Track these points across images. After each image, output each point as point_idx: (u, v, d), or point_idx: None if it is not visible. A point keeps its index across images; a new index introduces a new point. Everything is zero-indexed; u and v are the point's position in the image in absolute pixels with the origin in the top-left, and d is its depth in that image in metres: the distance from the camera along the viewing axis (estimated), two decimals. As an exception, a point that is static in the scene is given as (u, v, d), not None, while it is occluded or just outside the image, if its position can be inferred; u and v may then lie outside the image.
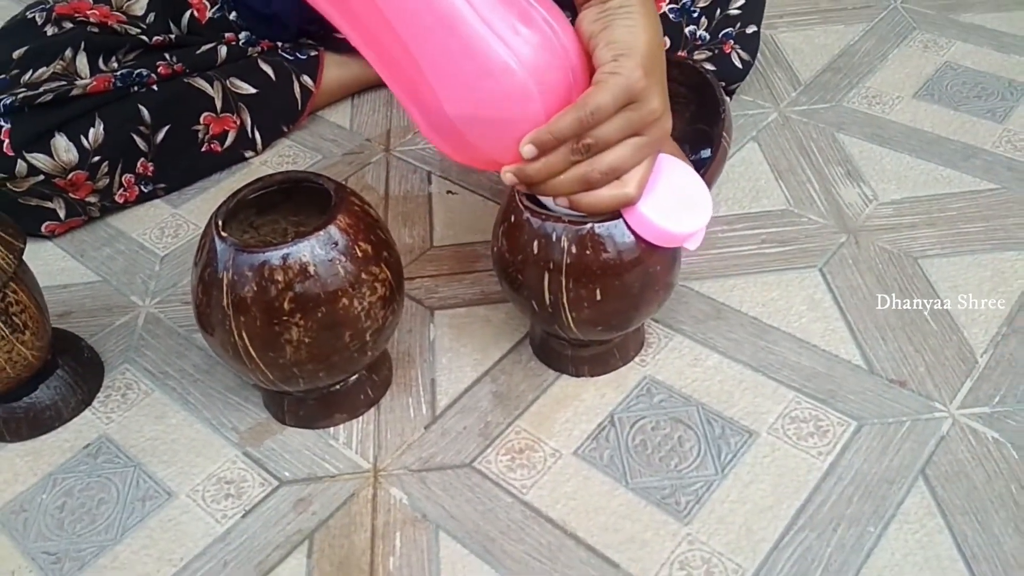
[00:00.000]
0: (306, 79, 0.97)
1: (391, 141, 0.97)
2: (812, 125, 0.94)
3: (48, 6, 0.90)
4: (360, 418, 0.69)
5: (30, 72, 0.84)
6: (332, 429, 0.68)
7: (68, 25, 0.89)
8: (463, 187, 0.90)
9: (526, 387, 0.70)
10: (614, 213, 0.60)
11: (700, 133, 0.82)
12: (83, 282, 0.83)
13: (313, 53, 0.99)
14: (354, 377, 0.67)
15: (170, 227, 0.88)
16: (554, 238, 0.61)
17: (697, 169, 0.75)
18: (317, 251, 0.58)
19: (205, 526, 0.62)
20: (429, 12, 0.52)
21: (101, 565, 0.61)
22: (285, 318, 0.58)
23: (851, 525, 0.60)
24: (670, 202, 0.60)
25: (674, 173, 0.61)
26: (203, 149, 0.92)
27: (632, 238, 0.61)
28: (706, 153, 0.78)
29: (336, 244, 0.58)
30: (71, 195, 0.85)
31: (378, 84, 1.04)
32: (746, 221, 0.83)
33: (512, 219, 0.63)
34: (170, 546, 0.61)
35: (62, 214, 0.86)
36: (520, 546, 0.60)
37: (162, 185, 0.91)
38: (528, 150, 0.54)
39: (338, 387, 0.66)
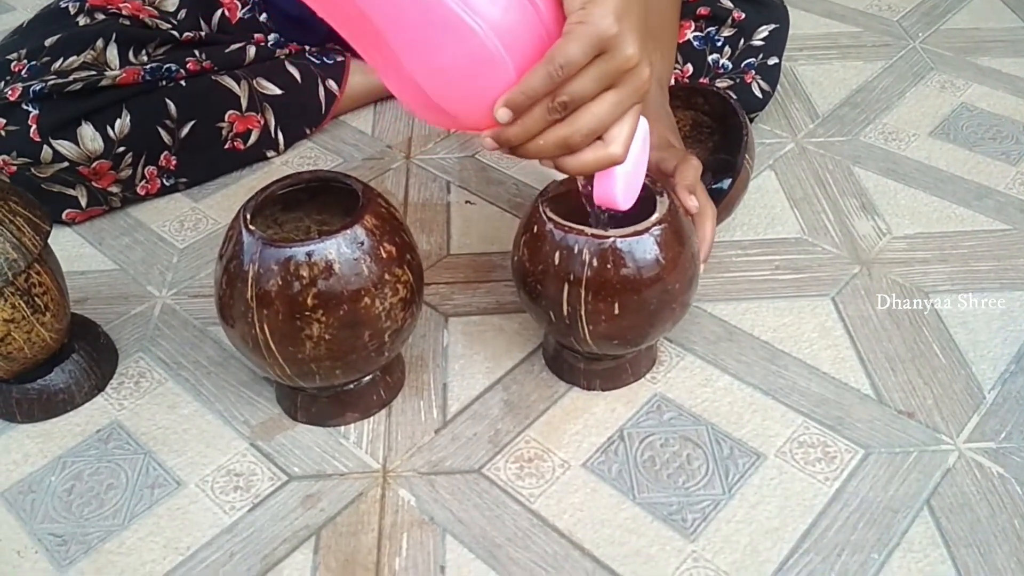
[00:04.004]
0: (331, 83, 0.99)
1: (412, 149, 0.98)
2: (828, 157, 0.95)
3: (81, -3, 0.91)
4: (371, 419, 0.69)
5: (60, 60, 0.85)
6: (343, 428, 0.68)
7: (100, 16, 0.90)
8: (481, 198, 0.91)
9: (537, 397, 0.70)
10: (636, 229, 0.61)
11: (722, 163, 0.83)
12: (101, 270, 0.83)
13: (340, 58, 1.00)
14: (368, 377, 0.67)
15: (190, 220, 0.89)
16: (576, 251, 0.62)
17: (717, 198, 0.76)
18: (343, 249, 0.58)
19: (213, 516, 0.63)
20: None
21: (107, 550, 0.61)
22: (307, 313, 0.58)
23: (855, 551, 0.60)
24: (638, 171, 0.59)
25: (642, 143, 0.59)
26: (226, 146, 0.93)
27: (654, 255, 0.61)
28: (728, 182, 0.79)
29: (362, 244, 0.59)
30: (94, 184, 0.85)
31: (401, 93, 1.05)
32: (760, 247, 0.84)
33: (535, 229, 0.64)
34: (177, 534, 0.62)
35: (83, 202, 0.86)
36: (526, 553, 0.60)
37: (184, 179, 0.91)
38: (502, 114, 0.51)
39: (352, 386, 0.67)
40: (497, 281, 0.81)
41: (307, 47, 1.00)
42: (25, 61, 0.85)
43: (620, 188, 0.59)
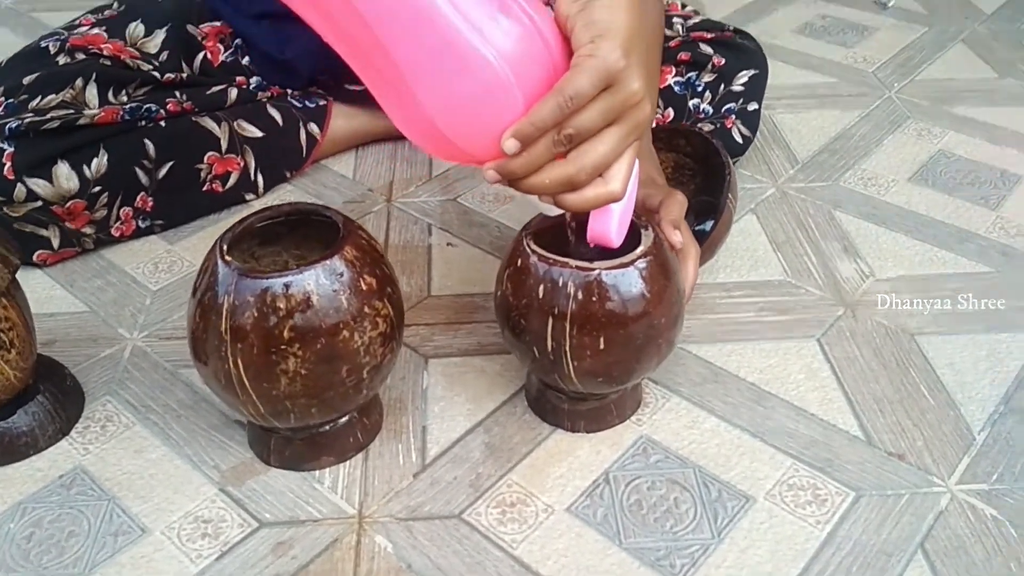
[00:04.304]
0: (313, 127, 0.98)
1: (393, 192, 0.97)
2: (809, 202, 0.95)
3: (63, 37, 0.90)
4: (347, 463, 0.67)
5: (39, 98, 0.84)
6: (317, 472, 0.66)
7: (81, 56, 0.89)
8: (463, 240, 0.90)
9: (520, 440, 0.68)
10: (621, 261, 0.60)
11: (705, 204, 0.83)
12: (71, 312, 0.81)
13: (322, 103, 1.00)
14: (344, 419, 0.65)
15: (164, 263, 0.87)
16: (560, 283, 0.60)
17: (700, 239, 0.75)
18: (322, 280, 0.57)
19: (179, 565, 0.60)
20: (404, 7, 0.50)
21: (66, 599, 0.58)
22: (283, 347, 0.56)
23: (850, 596, 0.58)
24: (629, 208, 0.60)
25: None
26: (204, 188, 0.91)
27: (639, 289, 0.60)
28: (710, 224, 0.79)
29: (341, 275, 0.58)
30: (67, 224, 0.84)
31: (383, 138, 1.05)
32: (744, 289, 0.83)
33: (518, 263, 0.63)
34: (141, 583, 0.59)
35: (56, 243, 0.84)
36: (508, 601, 0.58)
37: (159, 221, 0.90)
38: (510, 144, 0.51)
39: (327, 428, 0.65)
40: (479, 322, 0.79)
41: (289, 91, 0.99)
42: (2, 99, 0.84)
43: (615, 225, 0.60)
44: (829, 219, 0.93)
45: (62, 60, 0.88)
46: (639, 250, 0.62)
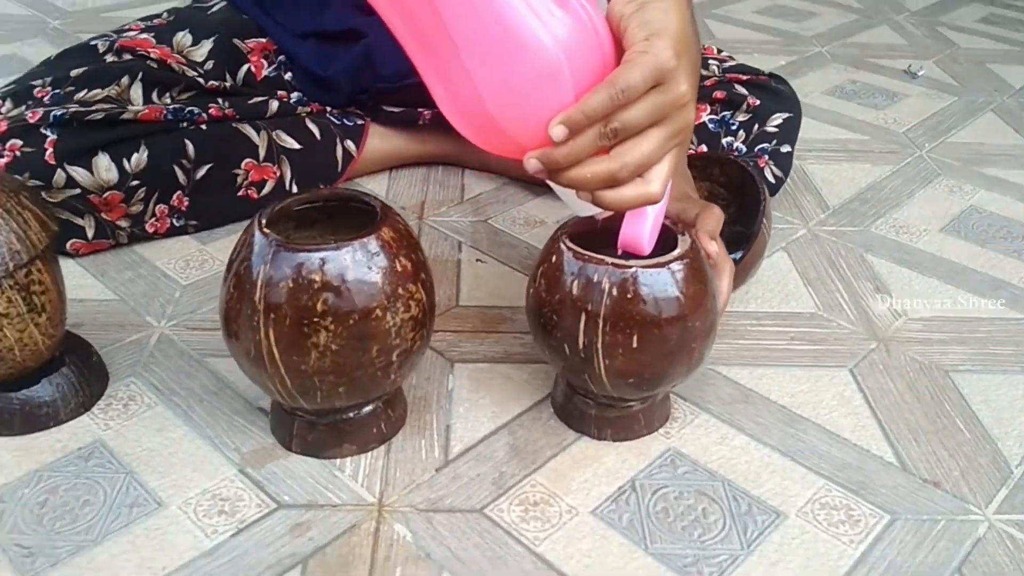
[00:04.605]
0: (349, 144, 0.99)
1: (425, 211, 0.98)
2: (841, 244, 0.95)
3: (112, 38, 0.93)
4: (369, 454, 0.65)
5: (85, 91, 0.86)
6: (338, 461, 0.64)
7: (128, 57, 0.91)
8: (492, 257, 0.90)
9: (545, 443, 0.67)
10: (658, 261, 0.60)
11: (738, 235, 0.83)
12: (100, 299, 0.81)
13: (359, 122, 1.01)
14: (369, 407, 0.64)
15: (196, 260, 0.87)
16: (595, 280, 0.60)
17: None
18: (358, 257, 0.57)
19: (193, 539, 0.58)
20: None
21: (76, 564, 0.56)
22: (316, 319, 0.56)
23: (884, 615, 0.56)
24: (660, 215, 0.61)
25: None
26: (240, 193, 0.92)
27: (675, 290, 0.60)
28: (741, 254, 0.78)
29: (377, 254, 0.57)
30: (103, 215, 0.84)
31: (417, 162, 1.06)
32: (775, 319, 0.83)
33: (553, 259, 0.63)
34: (152, 554, 0.57)
35: (90, 233, 0.85)
36: (529, 596, 0.55)
37: (193, 221, 0.90)
38: (559, 131, 0.52)
39: (351, 415, 0.64)
40: (506, 332, 0.79)
41: (328, 108, 1.01)
42: (49, 88, 0.86)
43: (648, 229, 0.60)
44: (860, 261, 0.93)
45: (110, 58, 0.90)
46: (676, 252, 0.61)
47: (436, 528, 0.60)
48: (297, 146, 0.95)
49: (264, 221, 0.59)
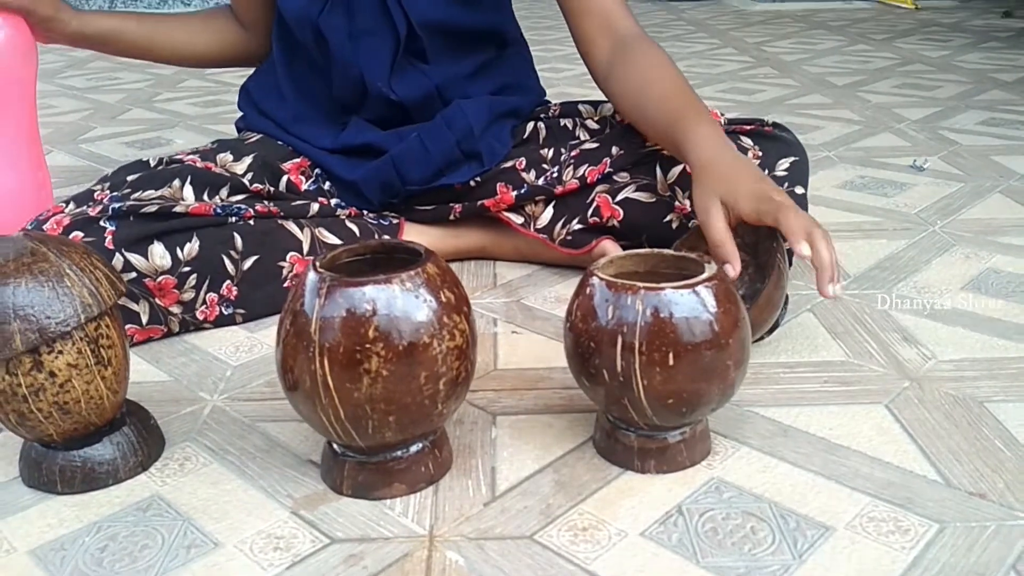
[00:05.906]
0: (387, 239, 1.05)
1: (460, 295, 1.02)
2: (864, 303, 0.98)
3: (163, 157, 1.01)
4: (418, 493, 0.67)
5: (140, 192, 0.93)
6: (388, 500, 0.66)
7: (177, 165, 0.99)
8: (527, 329, 0.93)
9: (590, 479, 0.68)
10: (687, 283, 0.63)
11: (757, 292, 0.86)
12: (155, 380, 0.85)
13: (395, 220, 1.08)
14: (416, 446, 0.66)
15: (245, 346, 0.91)
16: (628, 303, 0.63)
17: (749, 305, 0.79)
18: (407, 287, 0.61)
19: (250, 572, 0.59)
20: None
21: (138, 595, 0.57)
22: (368, 345, 0.59)
23: (945, 612, 0.55)
24: None
25: None
26: (285, 284, 0.97)
27: (706, 309, 0.63)
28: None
29: (423, 286, 0.61)
30: (157, 300, 0.89)
31: (451, 258, 1.11)
32: (807, 367, 0.85)
33: (587, 291, 0.66)
34: (211, 585, 0.58)
35: (144, 319, 0.90)
36: (584, 608, 0.56)
37: (241, 310, 0.95)
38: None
39: (400, 453, 0.66)
40: (544, 389, 0.81)
41: (365, 212, 1.08)
42: (108, 192, 0.93)
43: None
44: (885, 316, 0.95)
45: (161, 168, 0.98)
46: (704, 275, 0.65)
47: (488, 553, 0.60)
48: (338, 242, 1.01)
49: (318, 264, 0.64)
